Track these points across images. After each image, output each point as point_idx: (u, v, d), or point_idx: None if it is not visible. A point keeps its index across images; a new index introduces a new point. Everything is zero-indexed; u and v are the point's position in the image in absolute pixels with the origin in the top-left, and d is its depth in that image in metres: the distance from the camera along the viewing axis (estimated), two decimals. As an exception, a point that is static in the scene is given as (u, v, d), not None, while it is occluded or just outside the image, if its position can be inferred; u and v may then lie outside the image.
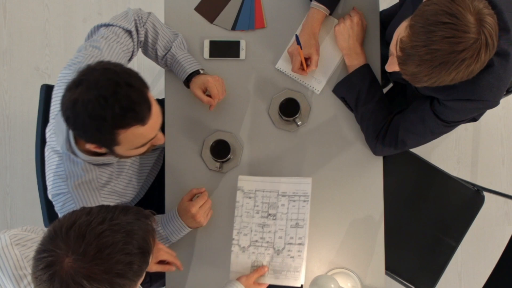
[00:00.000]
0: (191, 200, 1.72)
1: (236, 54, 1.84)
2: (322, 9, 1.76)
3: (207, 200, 1.72)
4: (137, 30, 1.72)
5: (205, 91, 1.75)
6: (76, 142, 1.49)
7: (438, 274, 2.09)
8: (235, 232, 1.76)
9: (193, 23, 1.86)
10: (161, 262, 1.64)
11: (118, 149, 1.42)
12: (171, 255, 1.63)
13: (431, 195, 2.12)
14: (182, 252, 1.79)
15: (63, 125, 1.47)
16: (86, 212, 1.13)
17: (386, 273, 2.02)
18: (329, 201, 1.80)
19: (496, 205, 2.63)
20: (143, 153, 1.50)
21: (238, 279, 1.67)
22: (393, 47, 1.41)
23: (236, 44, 1.84)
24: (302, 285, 1.77)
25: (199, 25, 1.86)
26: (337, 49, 1.82)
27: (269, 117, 1.83)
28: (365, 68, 1.76)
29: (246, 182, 1.78)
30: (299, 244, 1.74)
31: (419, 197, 2.12)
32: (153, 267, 1.62)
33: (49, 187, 1.57)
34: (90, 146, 1.42)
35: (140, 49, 1.79)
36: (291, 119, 1.78)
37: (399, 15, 1.66)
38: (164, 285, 1.80)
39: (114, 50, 1.63)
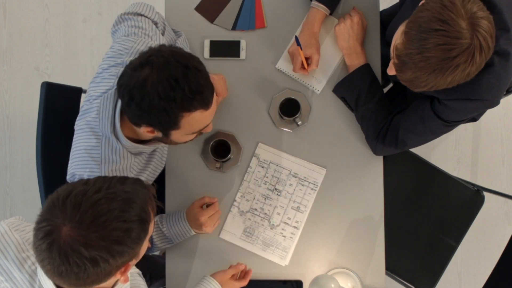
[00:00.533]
0: (201, 207, 1.71)
1: (237, 54, 1.84)
2: (322, 9, 1.76)
3: (217, 210, 1.71)
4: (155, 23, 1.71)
5: None
6: (122, 126, 1.47)
7: (438, 274, 2.09)
8: (239, 194, 1.80)
9: (193, 23, 1.86)
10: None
11: (174, 133, 1.41)
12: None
13: (431, 195, 2.12)
14: (182, 252, 1.79)
15: (109, 106, 1.46)
16: (83, 182, 1.14)
17: (386, 273, 2.02)
18: (329, 201, 1.80)
19: (496, 205, 2.63)
20: (190, 141, 1.50)
21: (213, 275, 1.66)
22: (392, 46, 1.41)
23: (236, 44, 1.84)
24: (301, 282, 1.77)
25: (199, 25, 1.86)
26: (337, 49, 1.83)
27: (269, 117, 1.83)
28: (365, 68, 1.77)
29: (264, 152, 1.81)
30: (294, 227, 1.79)
31: (419, 197, 2.12)
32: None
33: (74, 165, 1.51)
34: (145, 129, 1.40)
35: None
36: (291, 119, 1.78)
37: (399, 16, 1.67)
38: (164, 285, 1.80)
39: (158, 38, 1.62)
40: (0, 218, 2.69)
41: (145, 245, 1.21)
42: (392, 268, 2.08)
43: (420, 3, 1.35)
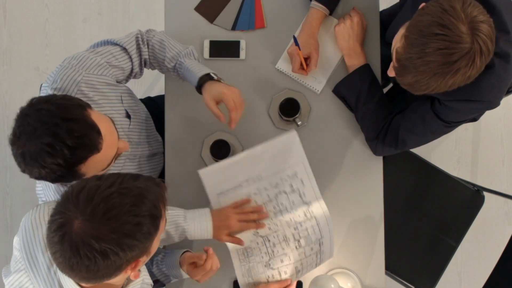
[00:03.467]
0: (193, 263, 1.61)
1: (236, 54, 1.84)
2: (322, 9, 1.76)
3: (209, 270, 1.58)
4: (139, 50, 1.68)
5: (219, 103, 1.63)
6: None
7: (438, 274, 2.09)
8: (267, 220, 1.70)
9: (193, 23, 1.86)
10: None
11: (86, 177, 1.37)
12: (241, 227, 1.66)
13: (431, 195, 2.12)
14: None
15: None
16: (97, 177, 1.16)
17: (386, 273, 2.02)
18: (329, 201, 1.80)
19: (496, 205, 2.62)
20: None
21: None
22: (392, 49, 1.41)
23: (236, 44, 1.84)
24: (301, 282, 1.77)
25: (199, 25, 1.86)
26: (337, 49, 1.82)
27: (269, 117, 1.83)
28: (365, 68, 1.76)
29: None
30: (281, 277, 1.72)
31: (419, 197, 2.12)
32: (223, 238, 1.64)
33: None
34: (58, 184, 1.41)
35: (157, 69, 1.77)
36: (291, 119, 1.78)
37: (400, 17, 1.67)
38: (164, 285, 1.80)
39: (95, 62, 1.57)
40: (0, 218, 2.69)
41: (156, 243, 1.22)
42: (392, 268, 2.08)
43: (420, 6, 1.35)
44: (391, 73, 1.44)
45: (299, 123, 1.80)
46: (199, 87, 1.64)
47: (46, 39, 2.75)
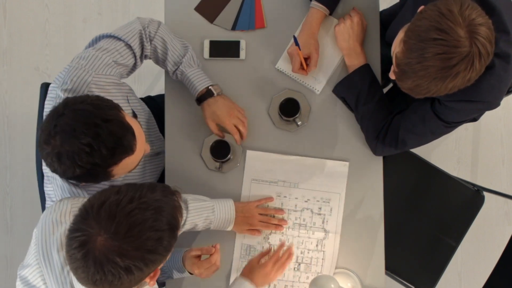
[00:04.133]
0: (198, 257, 1.65)
1: (236, 54, 1.84)
2: (322, 9, 1.76)
3: (214, 263, 1.61)
4: (142, 46, 1.68)
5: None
6: None
7: (438, 274, 2.09)
8: (285, 230, 1.77)
9: (193, 23, 1.86)
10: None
11: (113, 178, 1.41)
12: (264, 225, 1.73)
13: (431, 195, 2.12)
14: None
15: None
16: (115, 191, 1.16)
17: (386, 273, 2.02)
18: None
19: (496, 205, 2.62)
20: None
21: (245, 273, 1.67)
22: (392, 53, 1.42)
23: (236, 44, 1.84)
24: None
25: (199, 25, 1.86)
26: (337, 49, 1.82)
27: (269, 117, 1.83)
28: (365, 68, 1.76)
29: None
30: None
31: (419, 197, 2.12)
32: (243, 231, 1.73)
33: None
34: (71, 185, 1.42)
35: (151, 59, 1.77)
36: (291, 119, 1.78)
37: (400, 17, 1.66)
38: (164, 285, 1.80)
39: (103, 62, 1.57)
40: (0, 218, 2.69)
41: (172, 250, 1.24)
42: (392, 268, 2.08)
43: (419, 10, 1.35)
44: (392, 76, 1.44)
45: (299, 123, 1.80)
46: (199, 101, 1.72)
47: (46, 39, 2.75)
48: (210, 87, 1.71)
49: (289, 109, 1.77)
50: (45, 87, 1.82)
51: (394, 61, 1.37)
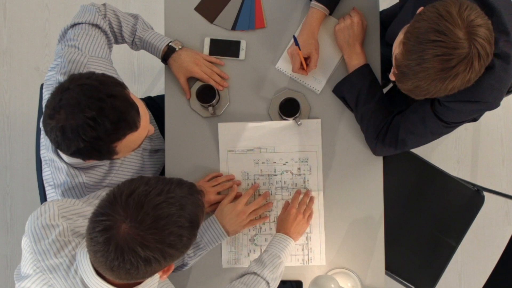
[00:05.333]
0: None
1: (236, 54, 1.84)
2: (322, 9, 1.76)
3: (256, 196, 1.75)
4: (103, 20, 1.70)
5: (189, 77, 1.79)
6: None
7: (438, 274, 2.09)
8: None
9: (193, 23, 1.86)
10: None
11: (117, 156, 1.41)
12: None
13: (431, 195, 2.12)
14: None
15: None
16: (145, 182, 1.17)
17: (386, 273, 2.02)
18: (329, 201, 1.80)
19: (496, 205, 2.63)
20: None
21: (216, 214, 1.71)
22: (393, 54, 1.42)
23: (237, 44, 1.84)
24: (301, 282, 1.77)
25: (199, 25, 1.86)
26: (337, 49, 1.83)
27: (269, 116, 1.83)
28: (365, 68, 1.76)
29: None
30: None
31: (419, 197, 2.12)
32: (206, 210, 1.73)
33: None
34: (88, 161, 1.42)
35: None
36: (291, 118, 1.78)
37: (400, 18, 1.67)
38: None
39: (91, 44, 1.60)
40: (0, 218, 2.69)
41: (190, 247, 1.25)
42: (392, 268, 2.08)
43: (418, 11, 1.36)
44: (392, 77, 1.44)
45: (299, 122, 1.80)
46: (164, 61, 1.78)
47: (46, 39, 2.75)
48: (170, 44, 1.76)
49: (289, 108, 1.77)
50: (45, 87, 1.82)
51: (394, 63, 1.38)
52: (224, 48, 1.85)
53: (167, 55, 1.77)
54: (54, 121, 1.30)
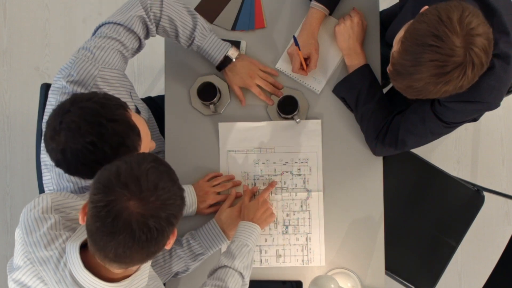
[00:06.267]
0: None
1: (236, 54, 1.84)
2: (322, 9, 1.76)
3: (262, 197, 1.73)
4: (146, 28, 1.64)
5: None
6: None
7: (438, 274, 2.09)
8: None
9: (193, 23, 1.86)
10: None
11: None
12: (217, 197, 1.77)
13: (431, 195, 2.12)
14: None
15: None
16: (118, 162, 1.17)
17: (386, 273, 2.02)
18: (329, 201, 1.80)
19: (496, 205, 2.62)
20: None
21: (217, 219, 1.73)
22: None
23: (237, 44, 1.84)
24: (301, 282, 1.77)
25: (199, 25, 1.86)
26: (337, 49, 1.82)
27: (267, 114, 1.83)
28: (365, 68, 1.76)
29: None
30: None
31: (419, 197, 2.12)
32: (206, 211, 1.77)
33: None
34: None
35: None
36: (289, 116, 1.78)
37: (400, 18, 1.66)
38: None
39: (109, 54, 1.56)
40: (0, 218, 2.69)
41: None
42: (392, 268, 2.08)
43: (421, 10, 1.35)
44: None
45: (297, 120, 1.80)
46: (219, 69, 1.78)
47: (46, 39, 2.75)
48: (227, 55, 1.74)
49: (288, 106, 1.76)
50: (45, 87, 1.82)
51: (391, 60, 1.38)
52: (224, 48, 1.84)
53: (223, 65, 1.75)
54: (55, 142, 1.30)
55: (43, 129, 1.39)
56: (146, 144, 1.40)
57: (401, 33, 1.38)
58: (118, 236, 1.11)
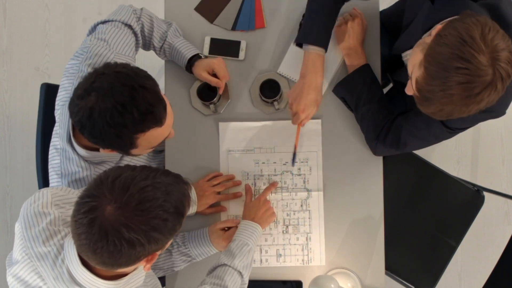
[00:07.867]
0: (223, 229, 1.72)
1: (236, 55, 1.84)
2: (322, 51, 1.69)
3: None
4: (137, 22, 1.72)
5: (211, 73, 1.75)
6: (75, 136, 1.48)
7: (438, 274, 2.09)
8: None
9: (193, 23, 1.86)
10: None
11: (134, 151, 1.42)
12: (218, 198, 1.77)
13: (431, 195, 2.12)
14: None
15: (67, 116, 1.46)
16: (131, 168, 1.19)
17: (386, 273, 2.02)
18: (329, 201, 1.80)
19: (496, 205, 2.63)
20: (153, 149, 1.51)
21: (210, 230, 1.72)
22: (410, 73, 1.38)
23: (237, 44, 1.84)
24: (301, 282, 1.77)
25: (199, 25, 1.86)
26: (338, 50, 1.82)
27: (250, 95, 1.83)
28: (365, 68, 1.76)
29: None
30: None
31: (419, 197, 2.12)
32: (206, 211, 1.77)
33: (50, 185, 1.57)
34: (104, 150, 1.42)
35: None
36: (270, 100, 1.77)
37: (409, 33, 1.61)
38: (164, 285, 1.80)
39: (120, 42, 1.62)
40: (0, 218, 2.69)
41: (172, 239, 1.25)
42: (392, 268, 2.08)
43: (436, 32, 1.31)
44: (408, 91, 1.41)
45: (277, 107, 1.79)
46: (189, 67, 1.76)
47: (46, 39, 2.75)
48: (200, 54, 1.76)
49: (270, 90, 1.75)
50: (45, 87, 1.82)
51: (415, 86, 1.33)
52: (224, 48, 1.85)
53: (193, 60, 1.75)
54: (84, 101, 1.31)
55: (71, 95, 1.39)
56: (169, 123, 1.42)
57: (418, 56, 1.33)
58: (86, 232, 1.12)
